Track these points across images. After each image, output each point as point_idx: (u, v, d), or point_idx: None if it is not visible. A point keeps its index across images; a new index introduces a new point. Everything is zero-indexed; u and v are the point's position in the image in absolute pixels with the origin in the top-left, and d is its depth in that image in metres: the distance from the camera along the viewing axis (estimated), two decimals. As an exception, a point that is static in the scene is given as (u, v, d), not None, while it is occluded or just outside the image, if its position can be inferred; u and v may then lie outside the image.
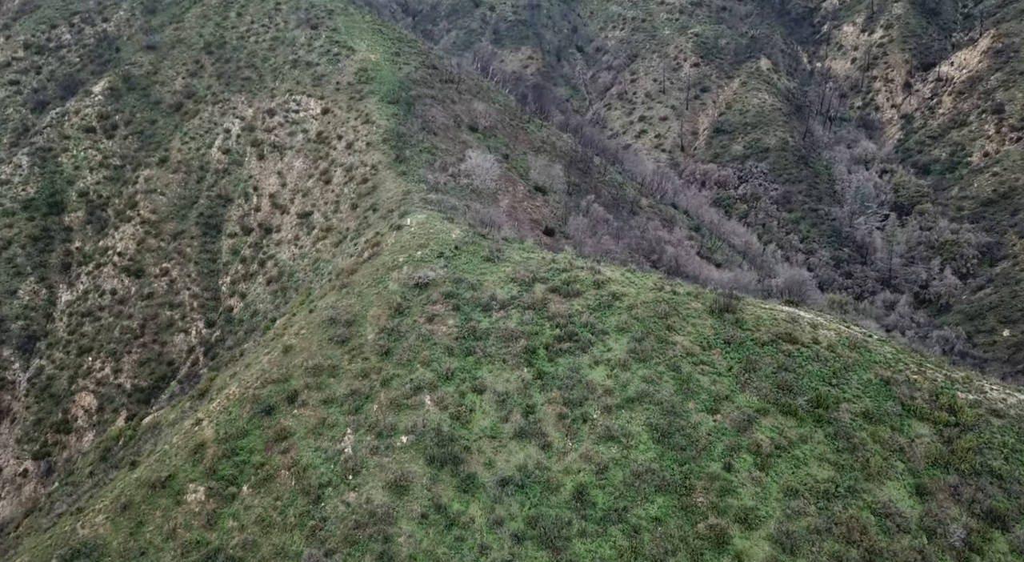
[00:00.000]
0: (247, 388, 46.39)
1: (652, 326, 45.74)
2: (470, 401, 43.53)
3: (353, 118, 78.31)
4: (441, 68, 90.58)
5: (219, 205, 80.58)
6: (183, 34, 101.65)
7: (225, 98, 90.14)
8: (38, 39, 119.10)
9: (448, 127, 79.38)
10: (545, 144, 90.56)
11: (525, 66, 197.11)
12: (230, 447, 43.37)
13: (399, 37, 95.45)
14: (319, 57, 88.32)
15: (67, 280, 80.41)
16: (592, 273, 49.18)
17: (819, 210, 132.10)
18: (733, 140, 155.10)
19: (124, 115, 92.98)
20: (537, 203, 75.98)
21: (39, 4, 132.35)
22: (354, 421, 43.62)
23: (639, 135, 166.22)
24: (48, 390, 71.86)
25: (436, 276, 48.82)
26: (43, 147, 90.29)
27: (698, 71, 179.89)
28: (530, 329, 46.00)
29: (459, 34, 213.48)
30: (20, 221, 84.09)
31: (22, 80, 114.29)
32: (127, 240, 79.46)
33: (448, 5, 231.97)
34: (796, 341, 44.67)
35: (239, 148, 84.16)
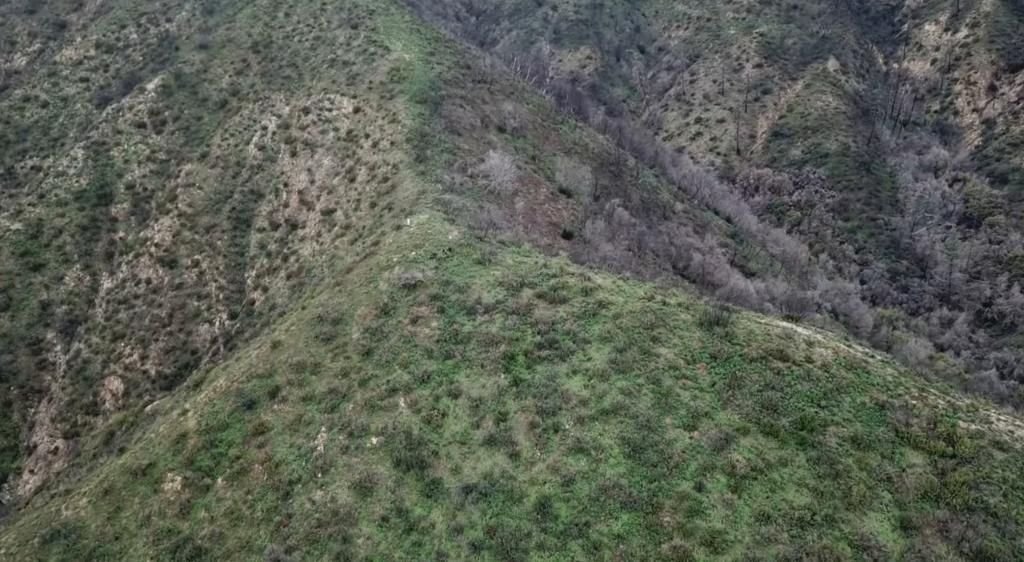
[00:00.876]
0: (233, 381, 47.31)
1: (636, 336, 44.21)
2: (444, 405, 43.10)
3: (381, 117, 79.07)
4: (475, 68, 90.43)
5: (251, 200, 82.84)
6: (234, 33, 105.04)
7: (266, 96, 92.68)
8: (108, 39, 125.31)
9: (474, 127, 79.11)
10: (577, 146, 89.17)
11: (583, 66, 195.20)
12: (210, 439, 44.29)
13: (436, 37, 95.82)
14: (356, 56, 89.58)
15: (109, 268, 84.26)
16: (582, 280, 47.93)
17: (878, 219, 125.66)
18: (792, 144, 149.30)
19: (173, 111, 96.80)
20: (559, 206, 74.85)
21: (112, 5, 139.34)
22: (329, 419, 43.86)
23: (694, 137, 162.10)
24: (83, 373, 75.43)
25: (424, 277, 48.59)
26: (97, 141, 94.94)
27: (760, 72, 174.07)
28: (511, 335, 45.19)
29: (519, 33, 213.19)
30: (72, 211, 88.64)
31: (91, 77, 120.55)
32: (164, 232, 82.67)
33: (511, 4, 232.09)
34: (787, 359, 42.32)
35: (274, 145, 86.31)
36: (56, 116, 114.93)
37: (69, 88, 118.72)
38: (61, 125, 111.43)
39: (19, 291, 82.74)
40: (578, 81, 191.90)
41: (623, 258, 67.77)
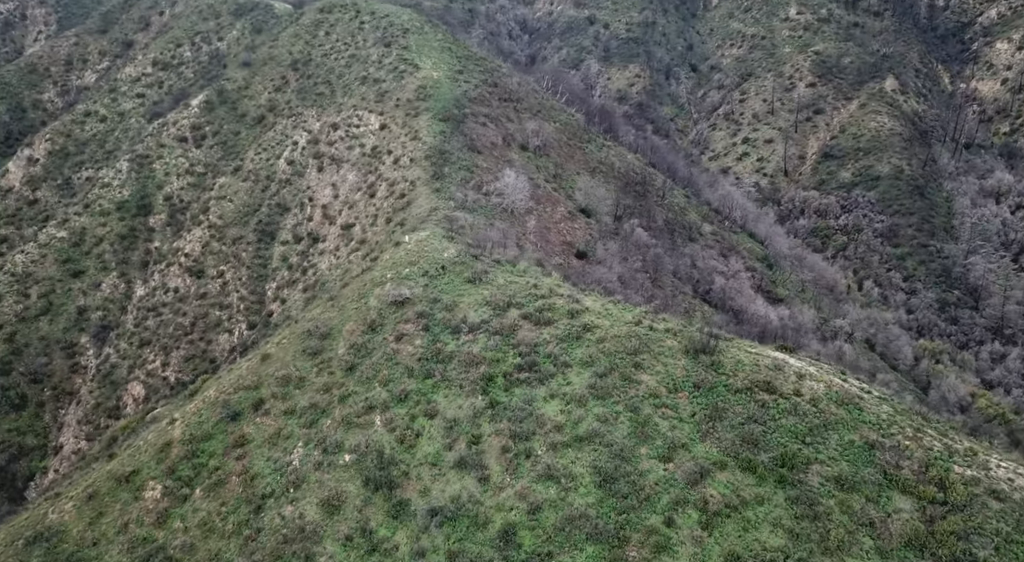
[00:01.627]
0: (222, 392, 47.99)
1: (619, 362, 42.91)
2: (419, 425, 42.67)
3: (404, 134, 79.89)
4: (502, 86, 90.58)
5: (277, 213, 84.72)
6: (276, 51, 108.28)
7: (299, 112, 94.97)
8: (164, 57, 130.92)
9: (495, 145, 79.07)
10: (602, 165, 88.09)
11: (631, 84, 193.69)
12: (193, 448, 44.95)
13: (467, 55, 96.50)
14: (386, 74, 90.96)
15: (143, 277, 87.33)
16: (569, 301, 46.94)
17: (929, 246, 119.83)
18: (842, 166, 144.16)
19: (213, 126, 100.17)
20: (576, 225, 73.92)
21: (173, 25, 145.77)
22: (307, 434, 43.95)
23: (741, 158, 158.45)
24: (109, 377, 78.10)
25: (412, 294, 48.46)
26: (142, 154, 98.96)
27: (813, 91, 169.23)
28: (492, 355, 44.51)
29: (570, 51, 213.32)
30: (113, 221, 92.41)
31: (146, 93, 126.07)
32: (195, 242, 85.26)
33: (563, 23, 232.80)
34: (774, 391, 40.32)
35: (302, 160, 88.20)
36: (112, 130, 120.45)
37: (126, 103, 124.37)
38: (115, 139, 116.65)
39: (59, 296, 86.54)
40: (626, 99, 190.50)
41: (635, 280, 66.33)
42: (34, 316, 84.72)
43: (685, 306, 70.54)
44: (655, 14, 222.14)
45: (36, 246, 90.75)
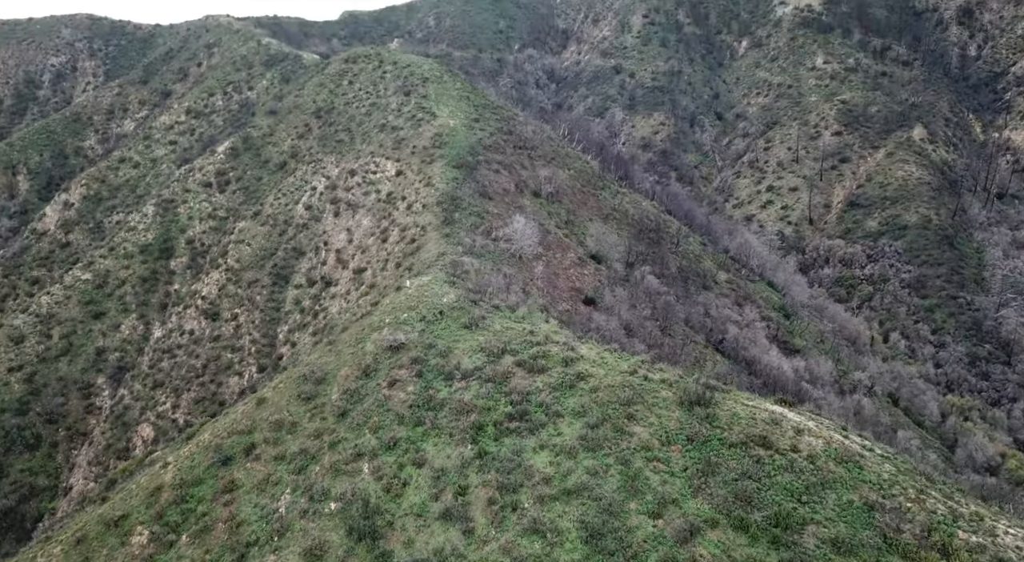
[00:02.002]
0: (216, 436, 47.89)
1: (612, 413, 41.89)
2: (407, 474, 41.92)
3: (418, 180, 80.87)
4: (518, 134, 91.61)
5: (292, 257, 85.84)
6: (300, 100, 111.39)
7: (319, 158, 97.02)
8: (197, 105, 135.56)
9: (507, 192, 79.55)
10: (616, 211, 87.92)
11: (656, 132, 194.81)
12: (182, 493, 44.68)
13: (485, 104, 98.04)
14: (404, 121, 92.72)
15: (162, 319, 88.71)
16: (564, 349, 46.25)
17: (959, 298, 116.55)
18: (868, 215, 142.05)
19: (237, 172, 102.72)
20: (585, 271, 73.46)
21: (207, 76, 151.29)
22: (295, 481, 43.46)
23: (765, 205, 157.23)
24: (122, 418, 78.77)
25: (407, 340, 48.23)
26: (167, 199, 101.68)
27: (839, 140, 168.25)
28: (484, 403, 43.82)
29: (595, 100, 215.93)
30: (136, 263, 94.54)
31: (178, 140, 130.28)
32: (212, 285, 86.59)
33: (590, 72, 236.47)
34: (771, 446, 38.87)
35: (320, 205, 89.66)
36: (144, 175, 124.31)
37: (159, 150, 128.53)
38: (146, 184, 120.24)
39: (79, 337, 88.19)
40: (650, 147, 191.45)
41: (643, 327, 65.35)
42: (54, 357, 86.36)
43: (696, 355, 69.13)
44: (681, 63, 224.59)
45: (61, 288, 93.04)
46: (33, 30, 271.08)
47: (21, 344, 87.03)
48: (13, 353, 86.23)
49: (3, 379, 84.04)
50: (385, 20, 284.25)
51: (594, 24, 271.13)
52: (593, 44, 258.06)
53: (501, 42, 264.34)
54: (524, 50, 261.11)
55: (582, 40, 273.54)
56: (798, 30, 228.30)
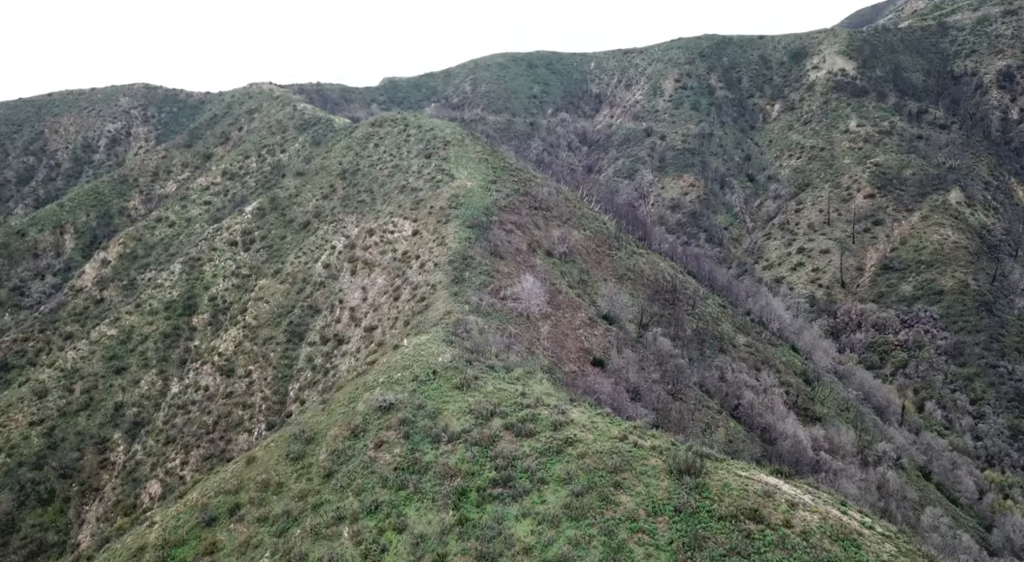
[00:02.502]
0: (203, 495, 47.44)
1: (598, 480, 40.35)
2: (386, 539, 40.70)
3: (432, 240, 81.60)
4: (534, 195, 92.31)
5: (308, 315, 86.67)
6: (327, 162, 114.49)
7: (340, 218, 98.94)
8: (233, 167, 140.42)
9: (520, 251, 79.62)
10: (631, 271, 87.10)
11: (685, 193, 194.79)
12: (165, 554, 44.04)
13: (504, 166, 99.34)
14: (424, 183, 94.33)
15: (180, 374, 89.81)
16: (555, 412, 45.09)
17: (1000, 367, 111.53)
18: (902, 279, 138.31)
19: (262, 231, 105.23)
20: (596, 332, 72.35)
21: (245, 139, 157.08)
22: (275, 544, 42.53)
23: (795, 268, 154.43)
24: (133, 474, 79.03)
25: (397, 400, 47.65)
26: (194, 257, 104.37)
27: (872, 203, 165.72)
28: (469, 468, 42.68)
29: (625, 162, 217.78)
30: (159, 319, 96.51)
31: (212, 201, 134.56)
32: (229, 342, 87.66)
33: (621, 135, 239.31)
34: (762, 520, 36.81)
35: (338, 263, 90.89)
36: (178, 235, 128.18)
37: (194, 210, 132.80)
38: (179, 243, 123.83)
39: (100, 392, 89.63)
40: (679, 208, 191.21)
41: (651, 391, 63.63)
42: (75, 411, 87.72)
43: (707, 421, 66.88)
44: (712, 126, 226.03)
45: (87, 343, 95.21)
46: (94, 99, 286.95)
47: (44, 398, 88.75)
48: (35, 407, 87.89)
49: (23, 433, 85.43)
50: (423, 86, 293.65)
51: (626, 88, 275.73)
52: (625, 108, 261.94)
53: (535, 106, 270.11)
54: (557, 114, 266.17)
55: (615, 104, 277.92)
56: (831, 94, 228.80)
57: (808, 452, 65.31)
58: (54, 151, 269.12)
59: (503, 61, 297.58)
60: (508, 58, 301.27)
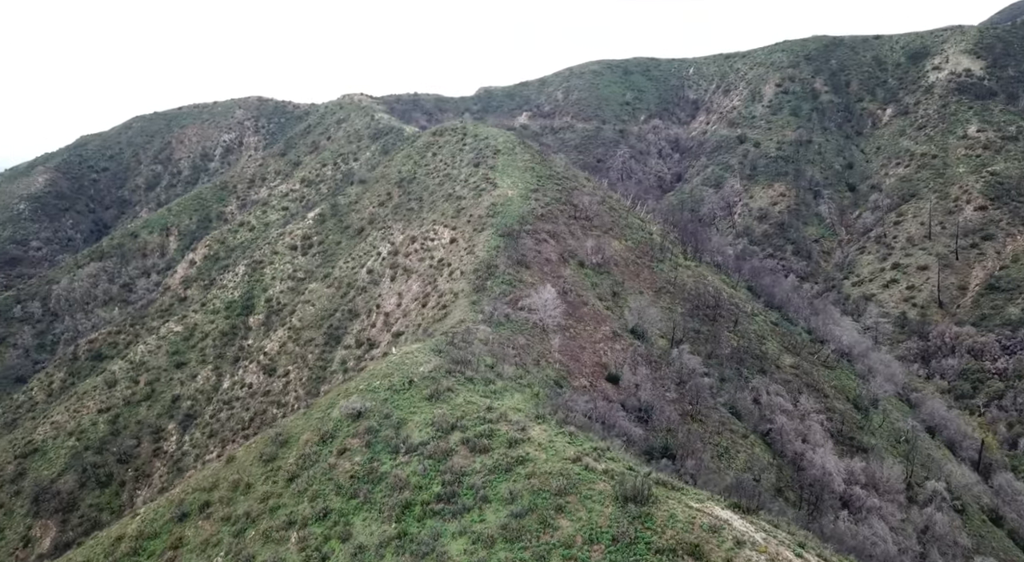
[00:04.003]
0: (184, 490, 49.11)
1: (541, 502, 38.42)
2: (329, 547, 40.48)
3: (464, 248, 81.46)
4: (575, 203, 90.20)
5: (347, 319, 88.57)
6: (388, 170, 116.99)
7: (389, 225, 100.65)
8: (311, 175, 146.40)
9: (549, 261, 77.89)
10: (671, 285, 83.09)
11: (774, 203, 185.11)
12: (138, 545, 45.83)
13: (550, 174, 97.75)
14: (468, 191, 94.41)
15: (231, 371, 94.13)
16: (515, 428, 43.45)
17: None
18: (1010, 301, 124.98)
19: (320, 236, 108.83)
20: (618, 346, 69.52)
21: (327, 148, 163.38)
22: (230, 544, 43.28)
23: (888, 284, 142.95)
24: (178, 464, 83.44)
25: (365, 408, 47.50)
26: (257, 260, 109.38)
27: (982, 215, 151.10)
28: (418, 481, 41.79)
29: (714, 169, 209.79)
30: (220, 318, 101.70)
31: (289, 207, 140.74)
32: (275, 342, 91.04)
33: (714, 142, 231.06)
34: (702, 557, 33.74)
35: (380, 269, 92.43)
36: (256, 238, 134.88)
37: (272, 215, 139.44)
38: (255, 245, 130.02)
39: (161, 384, 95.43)
40: (767, 218, 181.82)
41: (663, 411, 60.33)
42: (137, 401, 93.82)
43: (726, 445, 62.60)
44: (811, 132, 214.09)
45: (156, 338, 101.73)
46: (215, 111, 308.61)
47: (113, 388, 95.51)
48: (105, 395, 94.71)
49: (92, 419, 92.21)
50: (517, 95, 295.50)
51: (724, 94, 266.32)
52: (722, 114, 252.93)
53: (626, 113, 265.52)
54: (649, 121, 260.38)
55: (711, 110, 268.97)
56: (951, 96, 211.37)
57: (837, 485, 59.76)
58: (178, 159, 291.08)
59: (597, 68, 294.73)
60: (603, 65, 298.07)
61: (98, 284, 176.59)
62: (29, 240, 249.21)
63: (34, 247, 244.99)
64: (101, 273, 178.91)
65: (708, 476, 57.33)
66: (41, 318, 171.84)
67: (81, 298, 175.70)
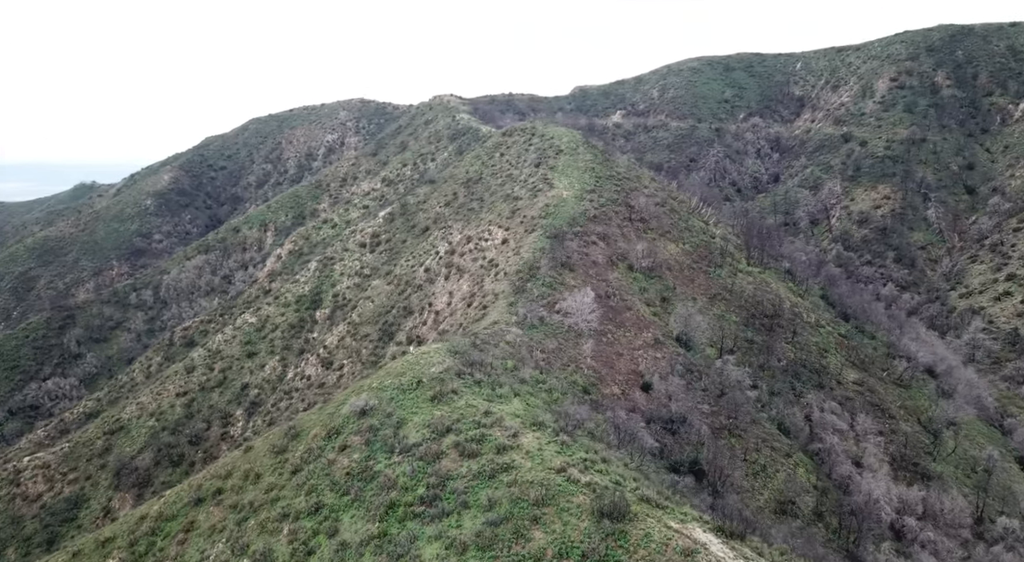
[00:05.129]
0: (206, 476, 51.31)
1: (518, 512, 37.41)
2: (316, 542, 41.13)
3: (513, 249, 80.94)
4: (632, 205, 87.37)
5: (402, 316, 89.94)
6: (457, 170, 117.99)
7: (449, 225, 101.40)
8: (392, 174, 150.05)
9: (595, 264, 75.93)
10: (727, 291, 78.86)
11: (877, 206, 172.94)
12: (157, 526, 48.37)
13: (609, 175, 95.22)
14: (526, 192, 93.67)
15: (296, 363, 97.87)
16: (506, 435, 42.54)
17: None
18: None
19: (388, 235, 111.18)
20: (659, 354, 66.84)
21: (411, 148, 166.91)
22: (232, 531, 44.81)
23: (999, 298, 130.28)
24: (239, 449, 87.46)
25: (371, 407, 47.92)
26: (329, 256, 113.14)
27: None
28: (406, 482, 41.71)
29: (814, 170, 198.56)
30: (290, 311, 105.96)
31: (369, 205, 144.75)
32: (335, 336, 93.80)
33: (816, 141, 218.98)
34: (665, 585, 31.81)
35: (436, 268, 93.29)
36: (337, 235, 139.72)
37: (353, 213, 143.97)
38: (331, 242, 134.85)
39: (233, 372, 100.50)
40: (867, 222, 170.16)
41: (691, 425, 57.48)
42: (211, 387, 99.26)
43: (764, 462, 58.84)
44: (927, 130, 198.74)
45: (232, 328, 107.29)
46: (321, 113, 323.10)
47: (191, 374, 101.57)
48: (184, 380, 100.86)
49: (171, 402, 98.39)
50: (612, 93, 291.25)
51: (833, 90, 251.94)
52: (828, 111, 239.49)
53: (724, 111, 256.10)
54: (749, 119, 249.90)
55: (817, 107, 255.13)
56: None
57: (887, 514, 54.86)
58: (286, 159, 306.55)
59: (697, 65, 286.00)
60: (703, 62, 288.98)
61: (202, 275, 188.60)
62: (152, 233, 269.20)
63: (156, 240, 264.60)
64: (205, 265, 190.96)
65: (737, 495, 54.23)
66: (152, 305, 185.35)
67: (187, 288, 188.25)
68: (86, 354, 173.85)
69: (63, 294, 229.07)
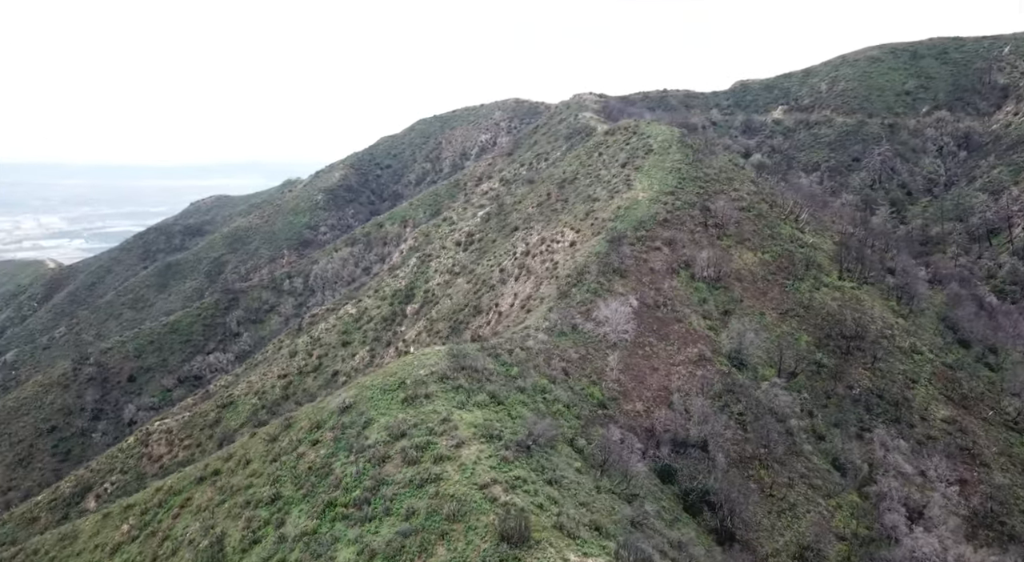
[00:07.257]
0: (215, 456, 54.74)
1: (430, 525, 36.33)
2: (264, 532, 42.56)
3: (574, 252, 78.43)
4: (711, 209, 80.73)
5: (471, 315, 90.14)
6: (555, 170, 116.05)
7: (531, 225, 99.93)
8: (509, 174, 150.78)
9: (652, 271, 71.23)
10: (802, 307, 70.43)
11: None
12: (165, 498, 52.45)
13: (695, 176, 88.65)
14: (606, 192, 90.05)
15: (382, 354, 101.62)
16: (449, 443, 41.30)
17: None
18: None
19: (482, 234, 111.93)
20: (699, 371, 61.47)
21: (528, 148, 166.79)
22: (211, 512, 47.49)
23: None
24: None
25: (348, 405, 48.64)
26: (427, 253, 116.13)
27: None
28: (348, 483, 41.91)
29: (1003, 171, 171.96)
30: (385, 305, 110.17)
31: (486, 205, 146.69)
32: (414, 331, 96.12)
33: (1014, 137, 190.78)
34: (527, 624, 29.31)
35: (511, 269, 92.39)
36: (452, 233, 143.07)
37: (470, 211, 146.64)
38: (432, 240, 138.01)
39: (328, 359, 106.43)
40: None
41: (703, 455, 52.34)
42: (308, 372, 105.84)
43: (796, 500, 52.18)
44: None
45: (335, 318, 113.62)
46: (479, 113, 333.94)
47: (293, 358, 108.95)
48: (286, 363, 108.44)
49: (272, 383, 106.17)
50: (775, 87, 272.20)
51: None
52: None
53: (903, 105, 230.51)
54: (932, 113, 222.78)
55: (1022, 98, 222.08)
56: None
57: None
58: (443, 158, 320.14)
59: (876, 54, 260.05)
60: (884, 50, 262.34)
61: (346, 266, 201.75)
62: (319, 226, 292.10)
63: (321, 232, 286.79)
64: (350, 257, 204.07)
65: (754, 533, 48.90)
66: (302, 292, 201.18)
67: (332, 278, 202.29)
68: (243, 333, 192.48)
69: (243, 278, 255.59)
